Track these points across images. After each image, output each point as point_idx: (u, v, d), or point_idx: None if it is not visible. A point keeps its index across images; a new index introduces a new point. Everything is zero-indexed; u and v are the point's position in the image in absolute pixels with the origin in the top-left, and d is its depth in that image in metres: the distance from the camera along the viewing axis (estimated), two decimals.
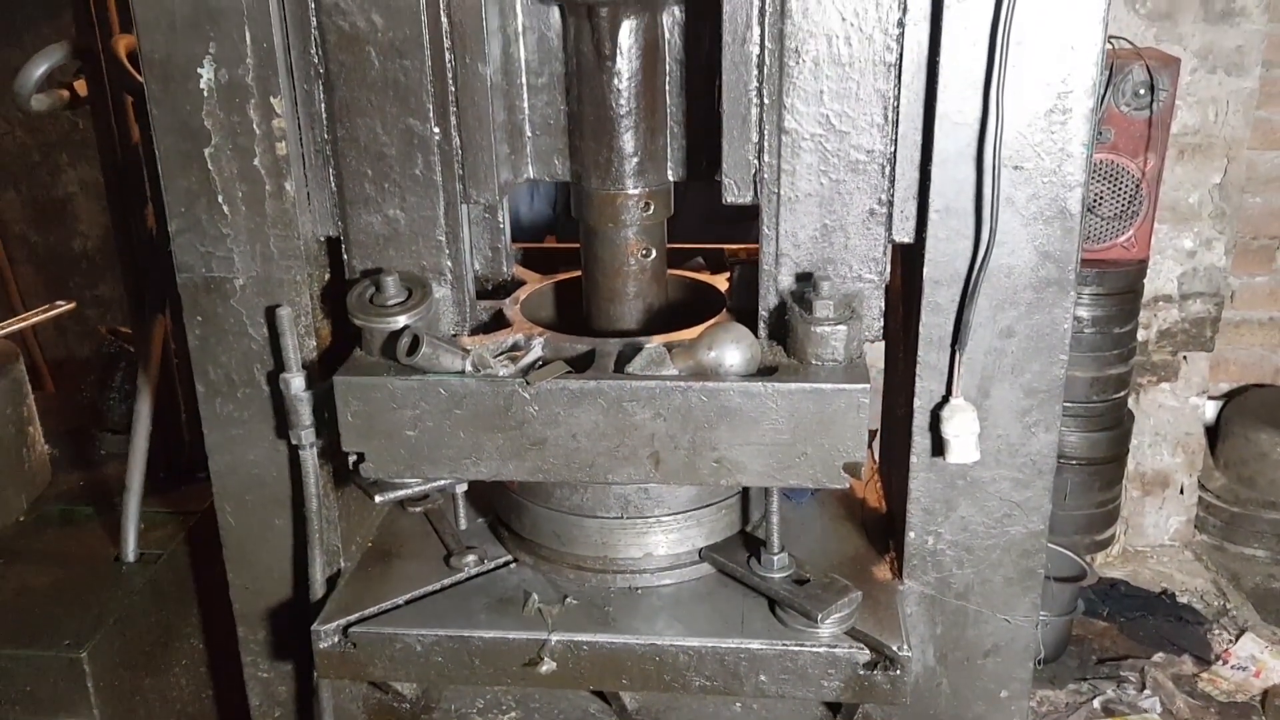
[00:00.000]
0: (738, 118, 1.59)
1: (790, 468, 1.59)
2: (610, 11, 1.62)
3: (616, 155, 1.71)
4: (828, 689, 1.69)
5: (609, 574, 1.83)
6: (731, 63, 1.56)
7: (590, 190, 1.75)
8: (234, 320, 1.74)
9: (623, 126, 1.69)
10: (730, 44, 1.55)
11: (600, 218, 1.77)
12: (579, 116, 1.72)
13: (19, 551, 2.30)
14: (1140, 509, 4.16)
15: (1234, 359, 4.22)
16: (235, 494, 1.86)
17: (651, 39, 1.67)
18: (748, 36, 1.54)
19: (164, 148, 1.65)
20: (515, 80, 1.73)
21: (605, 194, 1.74)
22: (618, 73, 1.66)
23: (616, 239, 1.79)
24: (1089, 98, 1.51)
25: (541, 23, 1.71)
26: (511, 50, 1.70)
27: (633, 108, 1.68)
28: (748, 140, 1.60)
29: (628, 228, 1.77)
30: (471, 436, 1.61)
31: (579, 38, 1.67)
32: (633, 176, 1.73)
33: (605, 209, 1.76)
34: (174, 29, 1.57)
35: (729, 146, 1.61)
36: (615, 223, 1.77)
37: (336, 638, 1.75)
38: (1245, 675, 3.42)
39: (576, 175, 1.77)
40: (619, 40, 1.64)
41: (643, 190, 1.74)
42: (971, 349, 1.63)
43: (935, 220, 1.57)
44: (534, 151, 1.78)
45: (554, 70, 1.73)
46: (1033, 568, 1.77)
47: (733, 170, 1.62)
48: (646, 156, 1.73)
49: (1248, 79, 3.69)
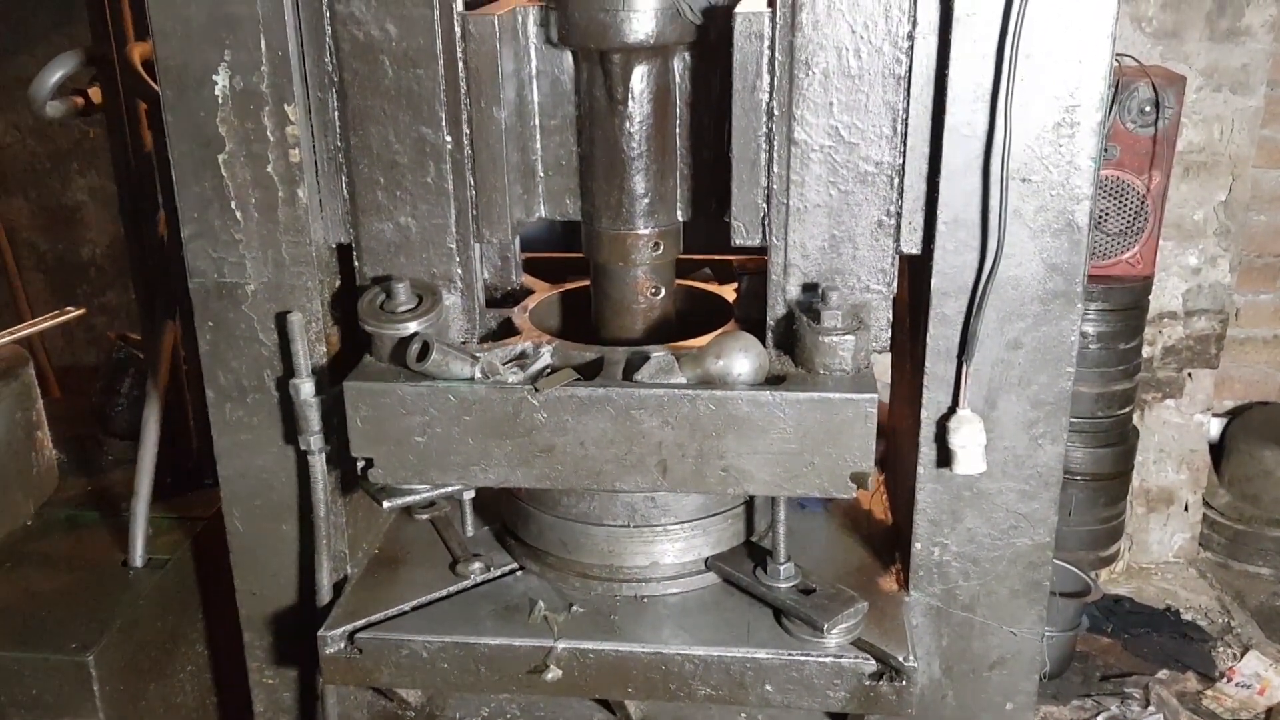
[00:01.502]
0: (747, 162, 1.61)
1: (798, 477, 1.59)
2: (623, 58, 1.65)
3: (627, 196, 1.74)
4: (833, 699, 1.69)
5: (615, 582, 1.83)
6: (742, 109, 1.58)
7: (601, 230, 1.78)
8: (245, 326, 1.75)
9: (633, 168, 1.72)
10: (740, 91, 1.57)
11: (611, 257, 1.80)
12: (590, 158, 1.75)
13: (26, 556, 2.31)
14: (1145, 525, 4.16)
15: (1238, 376, 4.22)
16: (243, 499, 1.86)
17: (663, 84, 1.70)
18: (757, 84, 1.56)
19: (178, 154, 1.67)
20: (529, 122, 1.76)
21: (616, 234, 1.77)
22: (629, 116, 1.69)
23: (626, 278, 1.83)
24: (1097, 111, 1.52)
25: (555, 66, 1.74)
26: (525, 93, 1.73)
27: (643, 150, 1.71)
28: (757, 184, 1.62)
29: (638, 267, 1.81)
30: (480, 443, 1.61)
31: (591, 82, 1.70)
32: (643, 217, 1.76)
33: (616, 248, 1.79)
34: (190, 36, 1.59)
35: (738, 190, 1.63)
36: (625, 262, 1.80)
37: (343, 643, 1.75)
38: (1249, 693, 3.41)
39: (588, 215, 1.80)
40: (631, 85, 1.67)
41: (653, 230, 1.77)
42: (979, 360, 1.64)
43: (943, 232, 1.58)
44: (546, 191, 1.81)
45: (566, 112, 1.76)
46: (1039, 580, 1.77)
47: (742, 213, 1.64)
48: (657, 197, 1.76)
49: (1253, 97, 3.70)
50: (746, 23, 1.53)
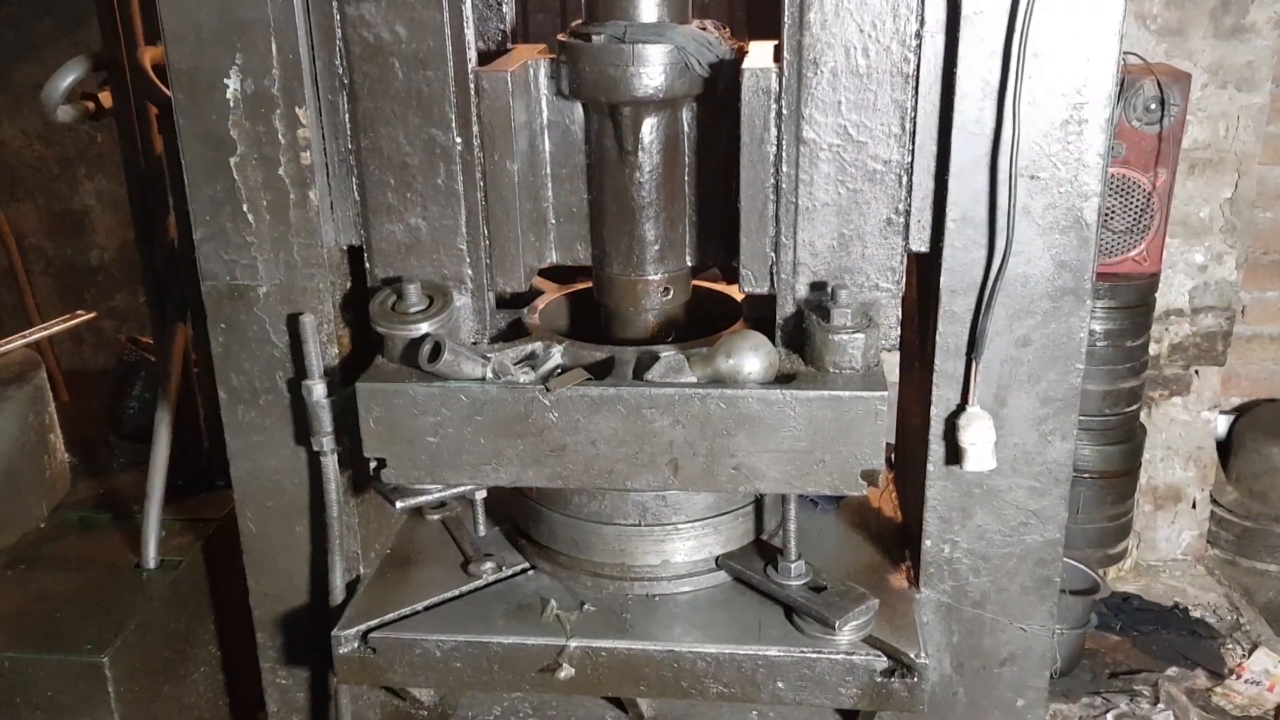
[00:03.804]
0: (755, 212, 1.63)
1: (808, 475, 1.60)
2: (632, 110, 1.67)
3: (637, 243, 1.77)
4: (845, 696, 1.70)
5: (626, 581, 1.84)
6: (750, 161, 1.60)
7: (612, 275, 1.81)
8: (257, 327, 1.76)
9: (643, 216, 1.74)
10: (749, 144, 1.59)
11: (621, 301, 1.83)
12: (601, 205, 1.77)
13: (40, 558, 2.32)
14: (1152, 523, 4.15)
15: (1245, 374, 4.21)
16: (256, 500, 1.87)
17: (672, 134, 1.72)
18: (765, 136, 1.58)
19: (190, 157, 1.68)
20: (540, 171, 1.78)
21: (626, 279, 1.80)
22: (639, 166, 1.71)
23: (637, 322, 1.85)
24: (1105, 108, 1.52)
25: (565, 117, 1.76)
26: (537, 144, 1.75)
27: (653, 199, 1.73)
28: (765, 234, 1.64)
29: (648, 311, 1.83)
30: (492, 443, 1.62)
31: (602, 133, 1.72)
32: (653, 263, 1.78)
33: (626, 293, 1.82)
34: (201, 40, 1.60)
35: (747, 239, 1.65)
36: (636, 306, 1.82)
37: (356, 643, 1.76)
38: (1259, 689, 3.40)
39: (598, 260, 1.82)
40: (640, 135, 1.69)
41: (662, 276, 1.80)
42: (988, 358, 1.64)
43: (952, 230, 1.59)
44: (557, 238, 1.83)
45: (576, 161, 1.78)
46: (1049, 576, 1.77)
47: (750, 262, 1.66)
48: (666, 244, 1.78)
49: (1258, 94, 3.70)
50: (754, 79, 1.56)
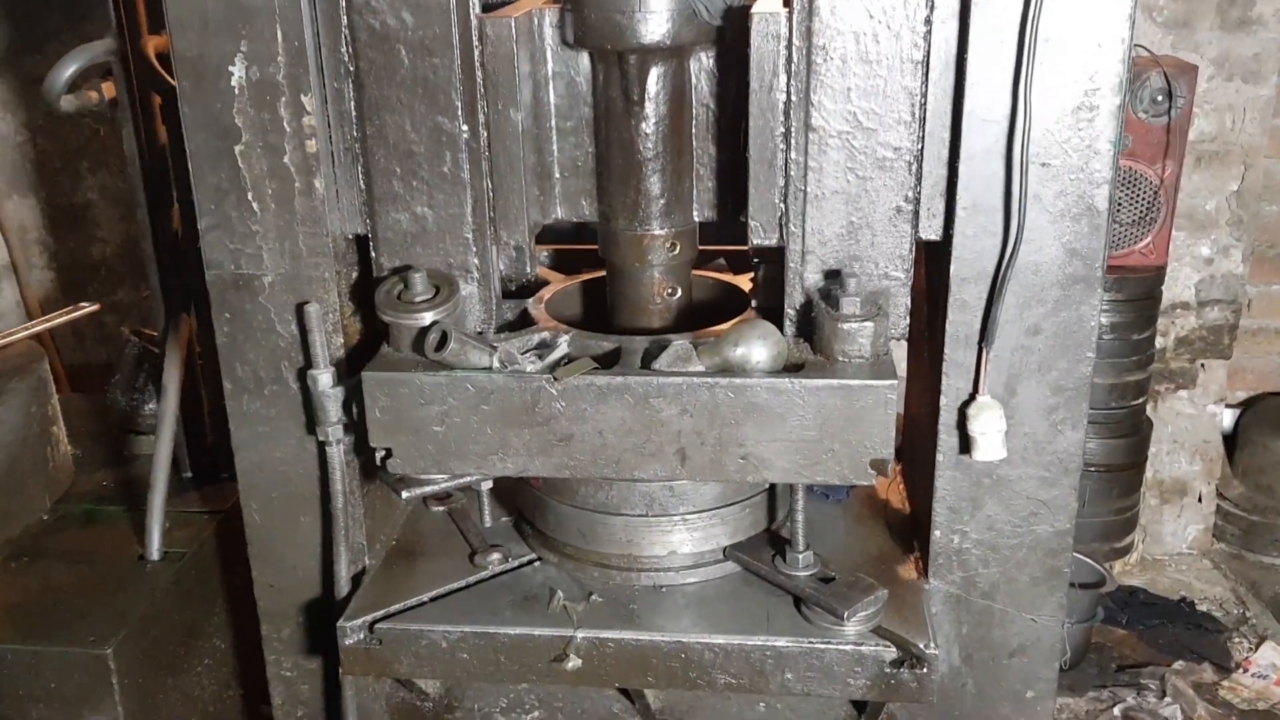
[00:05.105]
0: (764, 162, 1.61)
1: (817, 464, 1.59)
2: (639, 58, 1.65)
3: (643, 197, 1.74)
4: (854, 687, 1.69)
5: (634, 572, 1.83)
6: (758, 109, 1.58)
7: (617, 231, 1.78)
8: (262, 317, 1.75)
9: (649, 169, 1.72)
10: (757, 90, 1.57)
11: (627, 257, 1.80)
12: (606, 159, 1.75)
13: (43, 549, 2.31)
14: (1158, 517, 4.14)
15: (1251, 367, 4.20)
16: (261, 491, 1.86)
17: (679, 84, 1.70)
18: (774, 84, 1.56)
19: (194, 145, 1.67)
20: (545, 124, 1.76)
21: (632, 234, 1.77)
22: (645, 117, 1.69)
23: (642, 278, 1.82)
24: (1115, 95, 1.51)
25: (571, 68, 1.74)
26: (541, 95, 1.73)
27: (659, 151, 1.71)
28: (774, 184, 1.62)
29: (653, 267, 1.81)
30: (499, 432, 1.61)
31: (607, 83, 1.70)
32: (659, 218, 1.76)
33: (632, 249, 1.79)
34: (206, 28, 1.59)
35: (755, 190, 1.63)
36: (641, 262, 1.80)
37: (362, 634, 1.75)
38: (1266, 683, 3.39)
39: (604, 216, 1.80)
40: (647, 86, 1.66)
41: (669, 231, 1.77)
42: (998, 346, 1.63)
43: (963, 217, 1.58)
44: (562, 193, 1.81)
45: (582, 114, 1.76)
46: (1059, 567, 1.76)
47: (759, 213, 1.64)
48: (673, 198, 1.75)
49: (1265, 87, 3.68)
50: (763, 23, 1.54)
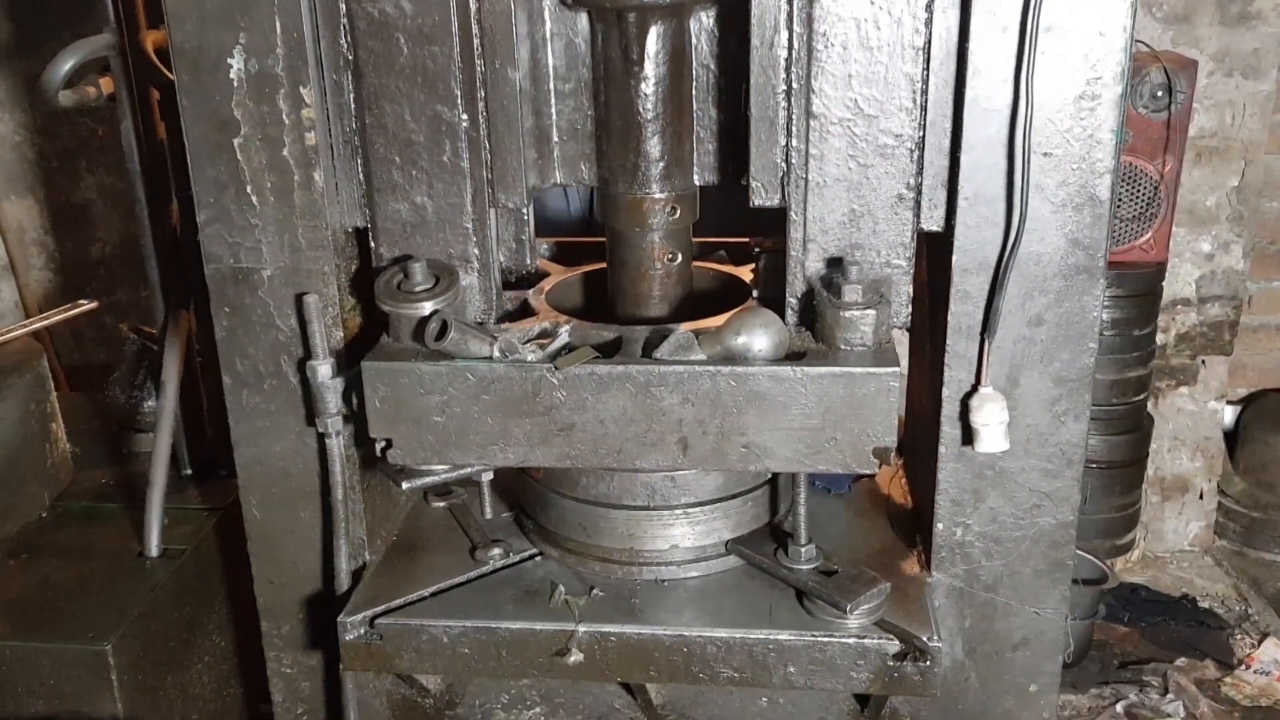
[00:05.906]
0: (766, 120, 1.59)
1: (819, 453, 1.58)
2: (638, 17, 1.63)
3: (643, 160, 1.72)
4: (857, 680, 1.68)
5: (635, 566, 1.82)
6: (759, 65, 1.56)
7: (616, 194, 1.76)
8: (262, 311, 1.74)
9: (649, 131, 1.70)
10: (758, 46, 1.55)
11: (626, 222, 1.78)
12: (605, 121, 1.73)
13: (42, 546, 2.30)
14: (1160, 514, 4.13)
15: (1252, 364, 4.19)
16: (261, 486, 1.85)
17: (679, 45, 1.68)
18: (775, 40, 1.55)
19: (193, 138, 1.66)
20: (543, 86, 1.74)
21: (631, 198, 1.75)
22: (644, 78, 1.67)
23: (642, 243, 1.80)
24: (1117, 84, 1.51)
25: (569, 29, 1.72)
26: (539, 56, 1.72)
27: (659, 113, 1.69)
28: (775, 143, 1.60)
29: (654, 232, 1.79)
30: (499, 422, 1.61)
31: (606, 43, 1.68)
32: (659, 181, 1.74)
33: (631, 213, 1.77)
34: (204, 19, 1.58)
35: (757, 149, 1.61)
36: (641, 227, 1.78)
37: (363, 629, 1.74)
38: (1268, 680, 3.38)
39: (603, 180, 1.78)
40: (646, 46, 1.65)
41: (669, 195, 1.75)
42: (1000, 338, 1.62)
43: (964, 207, 1.57)
44: (561, 156, 1.79)
45: (581, 76, 1.74)
46: (1062, 559, 1.76)
47: (760, 173, 1.62)
48: (673, 161, 1.74)
49: (1265, 82, 3.68)
50: None
